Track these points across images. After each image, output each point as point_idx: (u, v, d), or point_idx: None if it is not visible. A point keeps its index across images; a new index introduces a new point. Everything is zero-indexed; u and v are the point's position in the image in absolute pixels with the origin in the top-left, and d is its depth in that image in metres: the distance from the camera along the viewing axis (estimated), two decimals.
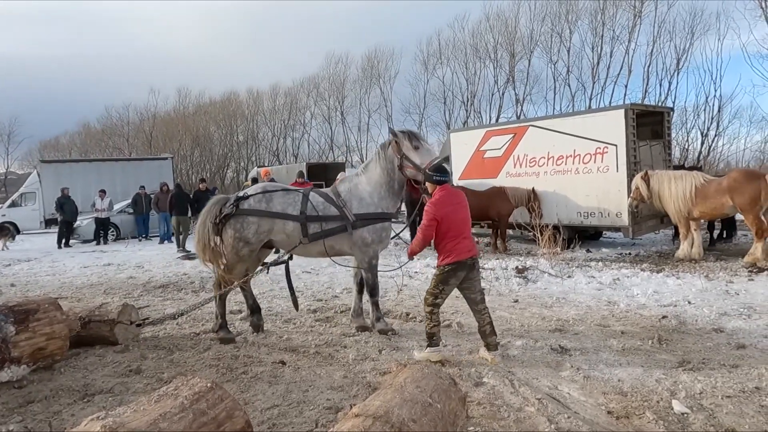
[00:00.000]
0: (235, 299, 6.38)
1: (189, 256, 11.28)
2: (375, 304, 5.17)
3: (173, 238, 15.27)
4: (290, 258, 5.35)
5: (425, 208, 4.33)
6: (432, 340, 4.34)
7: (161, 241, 15.28)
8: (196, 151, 41.17)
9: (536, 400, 3.43)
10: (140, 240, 16.33)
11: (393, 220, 5.35)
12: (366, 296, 5.28)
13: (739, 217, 9.81)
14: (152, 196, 15.94)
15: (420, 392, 2.53)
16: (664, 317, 5.33)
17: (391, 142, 5.04)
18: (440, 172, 4.44)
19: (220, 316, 5.19)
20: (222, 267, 5.08)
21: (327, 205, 5.05)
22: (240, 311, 6.29)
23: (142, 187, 16.96)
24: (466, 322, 5.48)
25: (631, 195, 9.53)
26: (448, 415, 2.53)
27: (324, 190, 5.34)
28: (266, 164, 34.66)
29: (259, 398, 3.69)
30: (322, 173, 21.62)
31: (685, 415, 3.16)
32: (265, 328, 5.48)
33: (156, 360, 4.58)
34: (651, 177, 9.32)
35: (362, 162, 34.90)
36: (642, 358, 4.19)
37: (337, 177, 11.67)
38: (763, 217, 8.40)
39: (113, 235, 16.61)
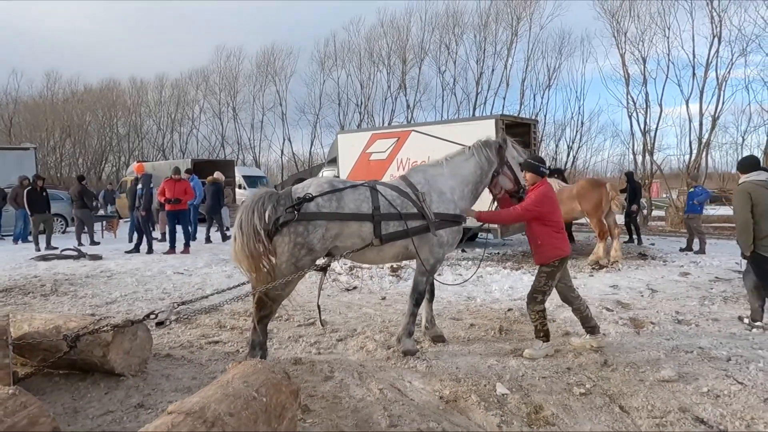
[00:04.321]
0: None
1: (45, 258, 10.23)
2: (413, 316, 4.44)
3: (30, 238, 13.81)
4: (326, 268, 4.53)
5: (532, 195, 4.32)
6: (548, 337, 4.34)
7: (15, 241, 13.68)
8: (68, 143, 37.33)
9: (378, 390, 3.61)
10: None
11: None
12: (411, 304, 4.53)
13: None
14: (8, 190, 14.23)
15: (246, 387, 2.55)
16: (509, 310, 5.86)
17: (496, 144, 4.73)
18: (543, 163, 4.41)
19: (260, 347, 4.12)
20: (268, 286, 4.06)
21: (403, 201, 4.29)
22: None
23: None
24: (330, 320, 5.60)
25: None
26: (275, 408, 2.57)
27: (393, 182, 4.57)
28: (150, 159, 32.43)
29: (94, 405, 3.47)
30: (210, 171, 20.71)
31: (505, 395, 3.51)
32: None
33: None
34: None
35: (255, 161, 34.28)
36: (482, 347, 4.57)
37: (214, 174, 11.24)
38: (604, 221, 9.54)
39: None
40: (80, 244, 12.36)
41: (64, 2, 53.92)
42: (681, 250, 10.87)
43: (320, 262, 4.43)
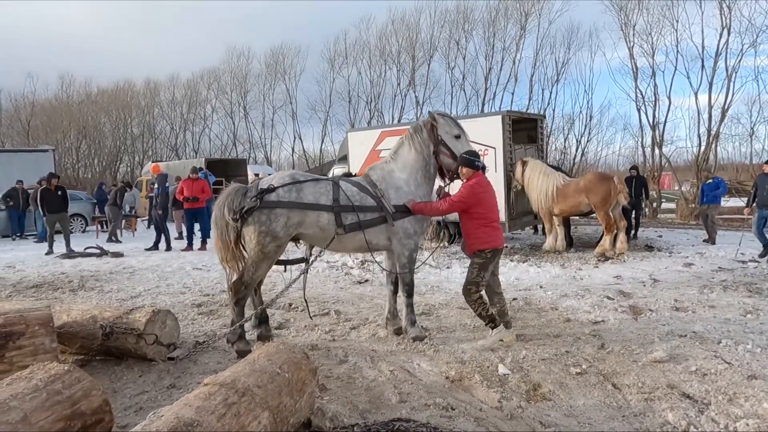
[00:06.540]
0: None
1: (70, 255, 10.68)
2: (410, 306, 4.75)
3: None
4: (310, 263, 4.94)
5: (462, 188, 4.43)
6: (495, 321, 4.48)
7: (39, 240, 14.20)
8: (84, 144, 38.09)
9: (389, 371, 3.91)
10: (14, 239, 15.02)
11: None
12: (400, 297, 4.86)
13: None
14: (30, 191, 14.79)
15: (270, 364, 2.86)
16: (514, 299, 6.11)
17: (427, 124, 4.76)
18: (477, 157, 4.52)
19: (239, 326, 4.57)
20: (241, 270, 4.50)
21: (362, 195, 4.56)
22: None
23: (20, 181, 15.60)
24: (343, 311, 5.91)
25: (514, 177, 10.56)
26: (296, 383, 2.88)
27: (356, 178, 4.83)
28: (164, 159, 33.02)
29: (130, 386, 3.82)
30: (222, 169, 21.16)
31: (506, 375, 3.79)
32: None
33: None
34: (527, 164, 10.38)
35: (266, 159, 34.73)
36: (487, 333, 4.83)
37: (258, 176, 11.59)
38: (611, 214, 9.73)
39: None
40: (118, 240, 13.47)
41: (69, 3, 54.78)
42: (704, 241, 11.05)
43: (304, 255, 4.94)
